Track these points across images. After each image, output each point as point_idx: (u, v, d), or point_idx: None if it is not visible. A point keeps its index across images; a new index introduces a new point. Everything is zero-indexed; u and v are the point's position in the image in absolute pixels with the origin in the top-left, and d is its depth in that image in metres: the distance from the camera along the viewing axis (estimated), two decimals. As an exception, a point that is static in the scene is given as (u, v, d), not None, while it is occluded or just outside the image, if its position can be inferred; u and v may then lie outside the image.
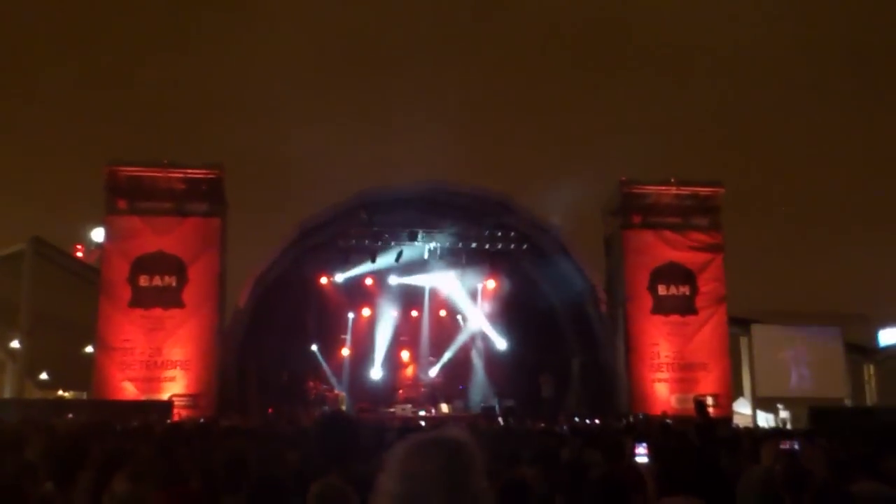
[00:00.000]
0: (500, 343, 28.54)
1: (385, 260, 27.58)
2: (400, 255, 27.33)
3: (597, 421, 22.02)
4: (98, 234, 33.35)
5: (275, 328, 26.44)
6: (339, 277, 27.91)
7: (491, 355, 28.76)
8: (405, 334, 29.48)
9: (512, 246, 27.51)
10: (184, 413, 22.50)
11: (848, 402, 28.39)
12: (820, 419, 20.58)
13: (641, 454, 6.37)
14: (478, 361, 29.10)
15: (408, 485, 2.11)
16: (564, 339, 28.45)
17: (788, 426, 24.84)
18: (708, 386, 25.21)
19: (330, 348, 28.40)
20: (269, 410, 24.11)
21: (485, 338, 28.97)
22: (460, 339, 29.25)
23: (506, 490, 3.61)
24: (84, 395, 26.36)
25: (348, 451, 4.00)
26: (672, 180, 26.93)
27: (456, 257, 27.70)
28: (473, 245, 27.47)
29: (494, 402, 26.79)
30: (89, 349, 25.53)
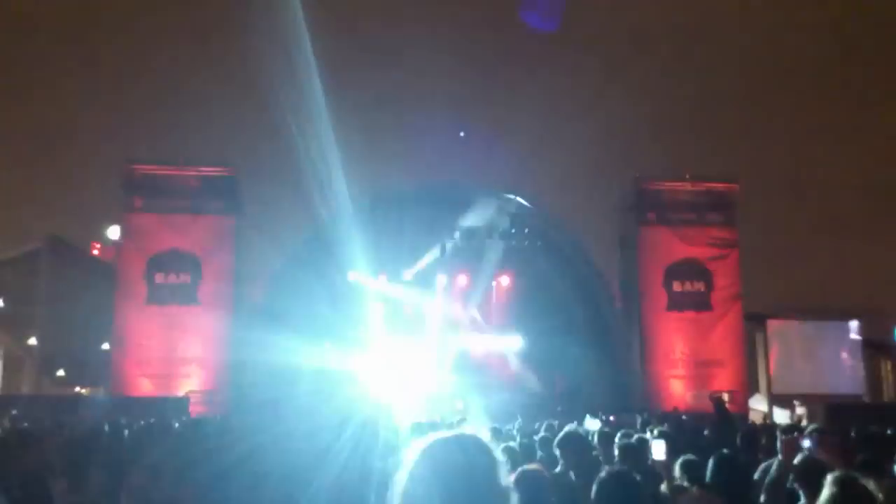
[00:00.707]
0: (515, 339, 28.47)
1: (399, 256, 27.58)
2: (414, 251, 27.32)
3: (612, 418, 21.95)
4: (114, 232, 33.50)
5: (289, 325, 26.46)
6: (353, 274, 27.93)
7: (505, 351, 28.70)
8: (420, 331, 29.46)
9: (526, 242, 27.47)
10: (200, 409, 22.61)
11: (865, 398, 28.23)
12: (836, 415, 20.49)
13: (658, 449, 6.35)
14: (492, 358, 29.04)
15: (432, 484, 2.07)
16: (579, 336, 28.37)
17: (804, 422, 24.73)
18: (723, 382, 25.10)
19: (345, 344, 28.39)
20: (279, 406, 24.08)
21: (500, 334, 28.90)
22: (475, 336, 29.21)
23: (521, 482, 3.61)
24: (101, 392, 26.53)
25: (371, 448, 3.98)
26: (687, 176, 26.85)
27: (470, 253, 27.67)
28: (488, 241, 27.43)
29: (509, 398, 26.74)
30: (105, 346, 25.68)
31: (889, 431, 9.98)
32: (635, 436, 7.04)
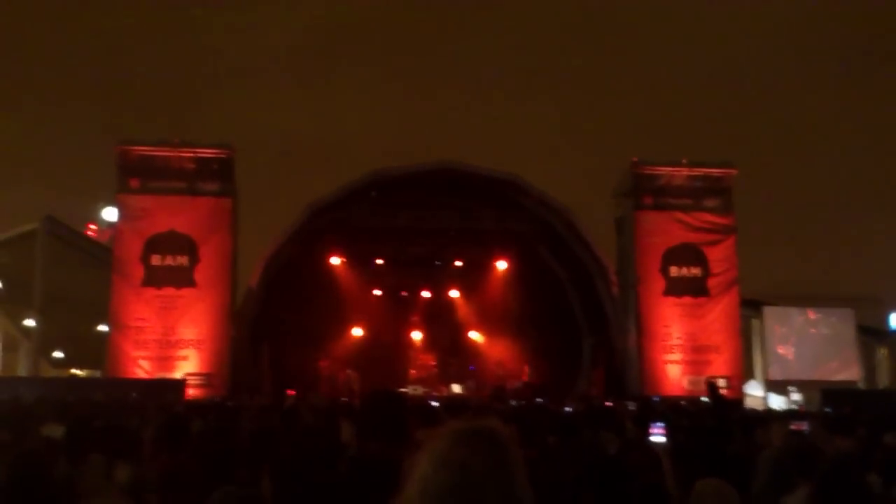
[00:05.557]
0: (511, 323, 28.48)
1: (395, 240, 27.54)
2: (411, 235, 27.26)
3: (608, 403, 22.01)
4: (110, 214, 33.47)
5: (287, 308, 26.49)
6: (351, 257, 27.91)
7: (502, 336, 28.72)
8: (416, 314, 29.49)
9: (523, 227, 27.39)
10: (197, 392, 22.64)
11: (860, 385, 28.33)
12: (832, 402, 20.58)
13: (657, 433, 6.36)
14: (489, 342, 29.07)
15: (458, 475, 1.96)
16: (575, 321, 28.39)
17: (800, 409, 24.81)
18: (720, 368, 25.14)
19: (342, 328, 28.45)
20: (289, 393, 23.98)
21: (496, 318, 28.90)
22: (471, 320, 29.23)
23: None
24: (98, 374, 26.56)
25: (397, 429, 3.91)
26: (684, 161, 26.78)
27: (467, 237, 27.61)
28: (484, 225, 27.36)
29: (505, 383, 26.80)
30: (102, 328, 25.68)
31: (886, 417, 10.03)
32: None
